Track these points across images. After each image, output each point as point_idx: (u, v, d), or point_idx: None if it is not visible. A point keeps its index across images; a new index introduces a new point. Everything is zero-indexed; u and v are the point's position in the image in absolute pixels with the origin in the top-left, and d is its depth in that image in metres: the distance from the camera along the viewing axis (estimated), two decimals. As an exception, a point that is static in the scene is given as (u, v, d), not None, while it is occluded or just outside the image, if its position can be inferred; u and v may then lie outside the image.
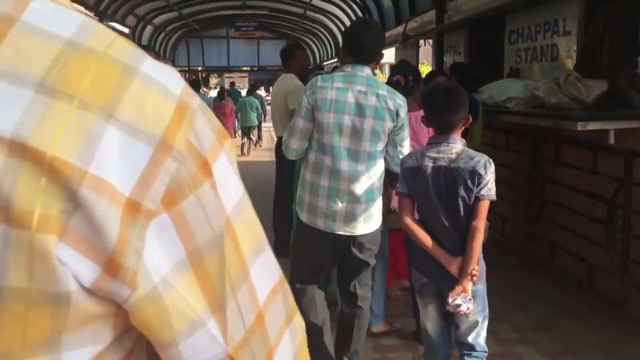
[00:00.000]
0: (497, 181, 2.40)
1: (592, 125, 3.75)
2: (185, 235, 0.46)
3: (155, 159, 0.44)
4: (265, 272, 0.53)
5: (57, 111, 0.41)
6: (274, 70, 19.38)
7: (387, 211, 3.34)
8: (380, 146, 2.75)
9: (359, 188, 2.72)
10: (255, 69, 22.42)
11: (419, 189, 2.44)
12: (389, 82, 3.44)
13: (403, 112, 2.74)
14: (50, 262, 0.41)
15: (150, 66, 0.46)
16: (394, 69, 3.62)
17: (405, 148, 2.81)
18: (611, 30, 4.29)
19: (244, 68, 21.24)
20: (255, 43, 19.68)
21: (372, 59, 2.80)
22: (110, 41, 0.46)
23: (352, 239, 2.78)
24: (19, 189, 0.40)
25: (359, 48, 2.76)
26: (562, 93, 4.37)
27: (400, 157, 2.73)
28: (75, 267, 0.42)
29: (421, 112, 2.67)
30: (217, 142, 0.48)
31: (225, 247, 0.48)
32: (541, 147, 4.78)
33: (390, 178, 3.11)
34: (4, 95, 0.41)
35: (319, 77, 2.87)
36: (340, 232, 2.74)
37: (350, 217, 2.73)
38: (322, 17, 14.06)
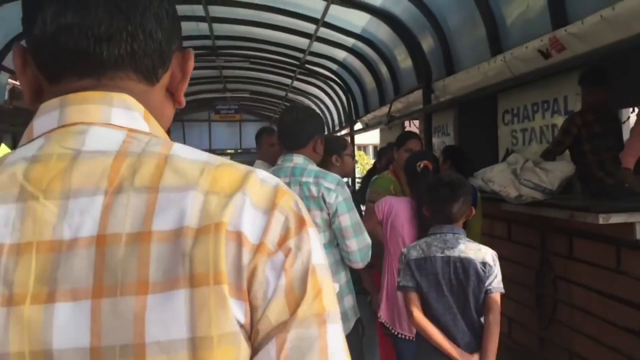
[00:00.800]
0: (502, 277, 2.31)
1: (616, 218, 3.21)
2: (287, 266, 0.63)
3: (270, 216, 0.65)
4: (338, 337, 0.64)
5: (212, 200, 0.63)
6: (256, 153, 19.08)
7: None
8: None
9: None
10: (238, 151, 22.20)
11: (430, 281, 2.34)
12: (411, 169, 3.11)
13: (332, 196, 2.35)
14: (227, 306, 0.58)
15: (261, 172, 0.70)
16: (414, 156, 3.26)
17: (353, 240, 2.40)
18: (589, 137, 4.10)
19: (228, 150, 21.17)
20: (237, 125, 19.56)
21: (299, 144, 2.51)
22: (232, 162, 0.70)
23: None
24: (197, 258, 0.59)
25: (284, 133, 2.54)
26: (521, 183, 3.87)
27: (349, 250, 2.38)
28: (234, 310, 0.59)
29: None
30: (309, 220, 0.68)
31: (308, 284, 0.64)
32: (550, 239, 4.19)
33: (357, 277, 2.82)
34: (178, 201, 0.62)
35: None
36: None
37: None
38: (304, 99, 13.84)
